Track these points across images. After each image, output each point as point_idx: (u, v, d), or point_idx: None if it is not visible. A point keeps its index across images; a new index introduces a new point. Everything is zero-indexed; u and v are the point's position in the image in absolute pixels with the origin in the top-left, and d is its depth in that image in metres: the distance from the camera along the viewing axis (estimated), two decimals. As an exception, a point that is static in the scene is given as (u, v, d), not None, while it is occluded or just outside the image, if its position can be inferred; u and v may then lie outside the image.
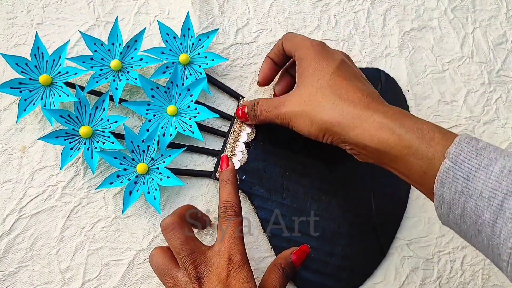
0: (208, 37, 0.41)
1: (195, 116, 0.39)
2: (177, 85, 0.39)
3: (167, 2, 0.44)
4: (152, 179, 0.37)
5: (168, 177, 0.37)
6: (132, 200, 0.37)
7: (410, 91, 0.44)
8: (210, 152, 0.40)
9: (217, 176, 0.39)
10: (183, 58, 0.40)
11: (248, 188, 0.39)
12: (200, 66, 0.40)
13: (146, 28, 0.41)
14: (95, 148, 0.37)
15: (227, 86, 0.42)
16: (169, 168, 0.38)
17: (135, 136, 0.37)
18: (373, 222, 0.40)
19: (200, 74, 0.40)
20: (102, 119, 0.38)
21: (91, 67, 0.38)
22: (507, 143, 0.44)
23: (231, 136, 0.40)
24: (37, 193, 0.38)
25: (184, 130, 0.38)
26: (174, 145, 0.39)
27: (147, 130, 0.38)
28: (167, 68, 0.40)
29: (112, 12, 0.43)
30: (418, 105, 0.44)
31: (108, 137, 0.37)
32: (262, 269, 0.39)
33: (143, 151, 0.38)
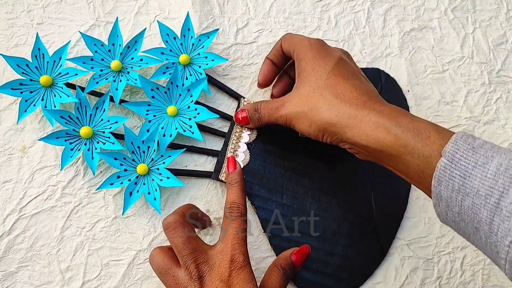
0: (208, 37, 0.41)
1: (195, 117, 0.39)
2: (177, 85, 0.39)
3: (167, 2, 0.44)
4: (152, 180, 0.37)
5: (168, 177, 0.37)
6: (133, 201, 0.37)
7: (410, 91, 0.44)
8: (210, 153, 0.40)
9: (220, 177, 0.39)
10: (183, 58, 0.40)
11: (248, 188, 0.39)
12: (200, 67, 0.40)
13: (146, 28, 0.41)
14: (96, 148, 0.37)
15: (227, 87, 0.42)
16: (169, 169, 0.38)
17: (135, 136, 0.37)
18: (373, 222, 0.40)
19: (200, 74, 0.40)
20: (102, 119, 0.38)
21: (91, 67, 0.38)
22: (507, 143, 0.44)
23: (233, 137, 0.40)
24: (37, 193, 0.38)
25: (184, 131, 0.38)
26: (174, 145, 0.39)
27: (147, 131, 0.38)
28: (167, 68, 0.40)
29: (112, 12, 0.43)
30: (418, 105, 0.44)
31: (109, 137, 0.37)
32: (262, 269, 0.39)
33: (143, 151, 0.38)
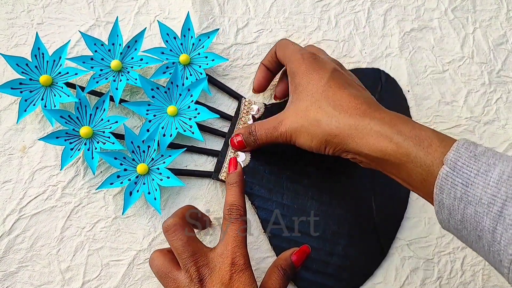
0: (208, 37, 0.41)
1: (195, 117, 0.39)
2: (177, 85, 0.39)
3: (168, 2, 0.44)
4: (153, 180, 0.37)
5: (168, 177, 0.37)
6: (133, 201, 0.37)
7: (410, 91, 0.44)
8: (210, 153, 0.40)
9: (220, 177, 0.39)
10: (183, 58, 0.39)
11: (248, 188, 0.39)
12: (200, 66, 0.40)
13: (146, 28, 0.41)
14: (96, 148, 0.37)
15: (227, 86, 0.42)
16: (169, 169, 0.38)
17: (136, 136, 0.37)
18: (373, 222, 0.40)
19: (201, 74, 0.40)
20: (102, 119, 0.38)
21: (91, 67, 0.38)
22: (507, 143, 0.44)
23: None
24: (37, 193, 0.38)
25: (184, 131, 0.38)
26: (174, 145, 0.39)
27: (148, 131, 0.38)
28: (167, 68, 0.40)
29: (112, 12, 0.43)
30: (419, 105, 0.44)
31: (109, 137, 0.37)
32: (262, 269, 0.39)
33: (144, 151, 0.38)
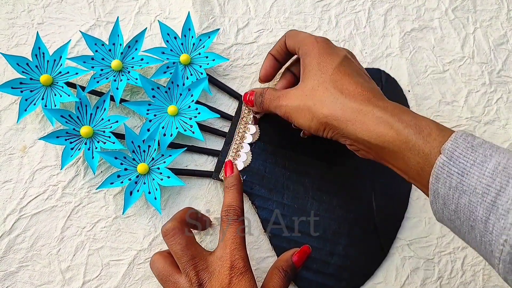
0: (209, 37, 0.41)
1: (195, 116, 0.39)
2: (178, 85, 0.39)
3: (168, 2, 0.44)
4: (153, 179, 0.37)
5: (168, 177, 0.37)
6: (133, 200, 0.37)
7: (410, 91, 0.44)
8: (211, 152, 0.40)
9: (220, 177, 0.39)
10: (184, 58, 0.40)
11: (249, 188, 0.39)
12: (201, 66, 0.40)
13: (147, 28, 0.41)
14: (96, 148, 0.37)
15: (228, 86, 0.42)
16: (169, 168, 0.38)
17: (136, 136, 0.37)
18: (374, 222, 0.40)
19: (201, 74, 0.40)
20: (103, 119, 0.38)
21: (92, 67, 0.38)
22: (507, 143, 0.44)
23: (236, 138, 0.40)
24: (37, 193, 0.38)
25: (185, 130, 0.38)
26: (174, 145, 0.39)
27: (148, 130, 0.38)
28: (168, 68, 0.40)
29: (113, 12, 0.43)
30: (419, 105, 0.44)
31: (109, 137, 0.37)
32: (263, 269, 0.39)
33: (144, 151, 0.38)
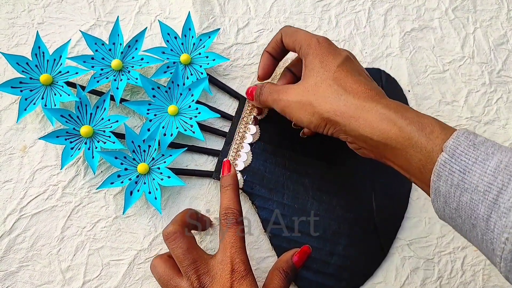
0: (209, 37, 0.41)
1: (196, 116, 0.39)
2: (178, 85, 0.39)
3: (168, 2, 0.44)
4: (153, 179, 0.37)
5: (169, 177, 0.37)
6: (133, 200, 0.37)
7: (411, 91, 0.44)
8: (211, 152, 0.40)
9: (221, 177, 0.39)
10: (184, 58, 0.39)
11: (249, 188, 0.39)
12: (201, 66, 0.40)
13: (147, 28, 0.41)
14: (96, 147, 0.37)
15: (228, 86, 0.42)
16: (170, 168, 0.38)
17: (136, 135, 0.37)
18: (373, 222, 0.40)
19: (201, 74, 0.40)
20: (103, 118, 0.38)
21: (92, 66, 0.38)
22: (507, 143, 0.44)
23: (236, 138, 0.40)
24: (37, 192, 0.38)
25: (185, 130, 0.38)
26: (175, 145, 0.39)
27: (148, 130, 0.38)
28: (168, 68, 0.40)
29: (113, 12, 0.43)
30: (419, 105, 0.44)
31: (109, 136, 0.37)
32: (263, 269, 0.39)
33: (144, 151, 0.38)
